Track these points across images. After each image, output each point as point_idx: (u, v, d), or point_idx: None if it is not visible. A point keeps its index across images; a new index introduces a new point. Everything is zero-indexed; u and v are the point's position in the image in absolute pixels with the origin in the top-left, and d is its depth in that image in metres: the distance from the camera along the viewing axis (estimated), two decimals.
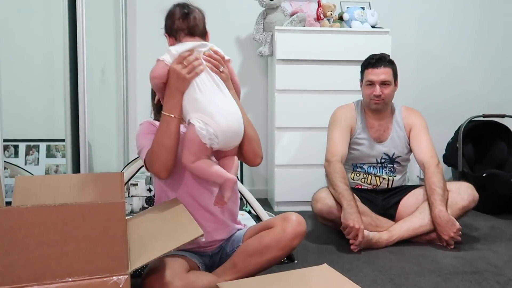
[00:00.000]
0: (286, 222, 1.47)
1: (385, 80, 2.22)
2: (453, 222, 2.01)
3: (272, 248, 1.44)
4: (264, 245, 1.44)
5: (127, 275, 1.01)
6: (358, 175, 2.35)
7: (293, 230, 1.45)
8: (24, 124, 2.97)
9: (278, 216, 1.53)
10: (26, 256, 0.95)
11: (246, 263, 1.44)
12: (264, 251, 1.44)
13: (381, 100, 2.24)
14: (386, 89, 2.23)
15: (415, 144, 2.29)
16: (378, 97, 2.23)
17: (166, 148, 1.40)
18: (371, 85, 2.24)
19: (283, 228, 1.45)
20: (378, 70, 2.22)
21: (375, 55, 2.27)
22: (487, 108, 3.25)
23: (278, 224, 1.48)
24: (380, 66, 2.22)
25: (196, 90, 1.38)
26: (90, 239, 0.99)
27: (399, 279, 1.69)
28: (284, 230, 1.45)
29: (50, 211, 0.97)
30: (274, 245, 1.44)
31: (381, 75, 2.22)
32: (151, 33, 3.11)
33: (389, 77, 2.23)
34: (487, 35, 3.44)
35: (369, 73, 2.24)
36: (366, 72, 2.27)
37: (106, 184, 1.45)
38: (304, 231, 1.49)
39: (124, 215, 1.03)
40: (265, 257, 1.45)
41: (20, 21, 2.96)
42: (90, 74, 2.16)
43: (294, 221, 1.47)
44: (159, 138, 1.40)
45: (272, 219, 1.55)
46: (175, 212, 1.36)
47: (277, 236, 1.44)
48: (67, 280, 0.97)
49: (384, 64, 2.23)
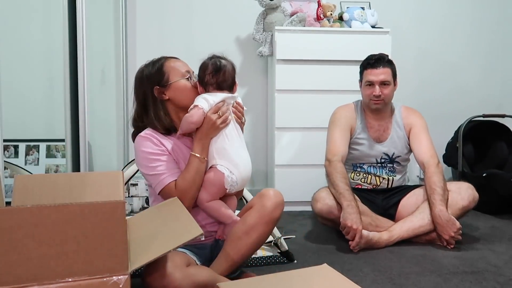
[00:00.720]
0: (263, 198, 1.55)
1: (385, 80, 2.22)
2: (454, 221, 2.01)
3: (257, 225, 1.52)
4: (248, 224, 1.51)
5: (127, 275, 1.01)
6: (358, 175, 2.35)
7: (272, 202, 1.54)
8: (24, 124, 2.97)
9: (256, 195, 1.61)
10: (26, 256, 0.95)
11: (237, 248, 1.50)
12: (250, 231, 1.51)
13: (381, 100, 2.24)
14: (385, 89, 2.23)
15: (415, 144, 2.29)
16: (377, 97, 2.23)
17: (197, 186, 1.51)
18: (371, 85, 2.24)
19: (262, 203, 1.54)
20: (377, 70, 2.22)
21: (374, 56, 2.27)
22: (487, 108, 3.25)
23: (256, 202, 1.56)
24: (379, 67, 2.22)
25: (225, 140, 1.54)
26: (90, 239, 0.99)
27: (399, 279, 1.69)
28: (263, 205, 1.53)
29: (50, 211, 0.97)
30: (258, 221, 1.52)
31: (380, 75, 2.22)
32: (151, 33, 3.12)
33: (388, 77, 2.23)
34: (488, 35, 3.44)
35: (368, 74, 2.25)
36: (365, 73, 2.27)
37: (106, 183, 1.45)
38: (282, 200, 1.58)
39: (124, 215, 1.03)
40: (253, 236, 1.51)
41: (20, 21, 2.96)
42: (90, 74, 2.16)
43: (270, 195, 1.56)
44: (192, 178, 1.50)
45: (251, 200, 1.63)
46: (175, 211, 1.37)
47: (258, 212, 1.53)
48: (67, 280, 0.97)
49: (383, 64, 2.23)
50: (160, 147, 1.54)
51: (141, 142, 1.54)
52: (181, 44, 3.12)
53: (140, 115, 1.61)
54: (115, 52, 3.01)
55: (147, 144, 1.53)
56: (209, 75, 1.54)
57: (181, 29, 3.14)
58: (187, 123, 1.50)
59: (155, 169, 1.51)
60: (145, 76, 1.60)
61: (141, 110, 1.61)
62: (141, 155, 1.54)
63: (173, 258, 1.33)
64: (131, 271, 1.03)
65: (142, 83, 1.61)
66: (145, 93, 1.59)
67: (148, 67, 1.61)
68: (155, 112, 1.58)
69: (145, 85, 1.59)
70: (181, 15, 3.14)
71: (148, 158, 1.52)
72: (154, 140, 1.54)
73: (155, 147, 1.53)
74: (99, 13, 2.96)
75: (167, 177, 1.51)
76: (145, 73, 1.61)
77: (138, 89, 1.62)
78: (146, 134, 1.55)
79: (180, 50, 3.10)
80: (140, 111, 1.61)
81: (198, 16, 3.15)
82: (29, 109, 2.98)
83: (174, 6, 3.13)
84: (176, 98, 1.57)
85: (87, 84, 2.11)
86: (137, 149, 1.56)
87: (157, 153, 1.52)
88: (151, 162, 1.52)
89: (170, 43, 3.11)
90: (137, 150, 1.56)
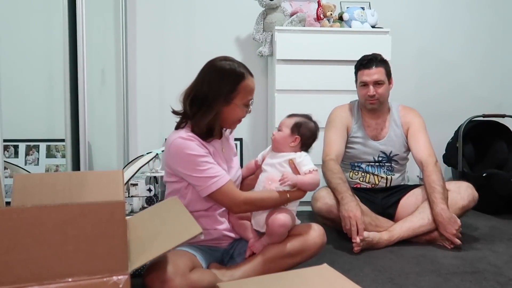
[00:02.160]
0: (310, 233, 1.64)
1: (378, 80, 2.24)
2: (455, 219, 2.02)
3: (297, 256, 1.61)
4: (288, 252, 1.59)
5: (127, 275, 1.01)
6: (356, 174, 2.36)
7: (318, 243, 1.65)
8: (24, 124, 2.97)
9: (303, 226, 1.68)
10: (26, 256, 0.95)
11: (269, 270, 1.54)
12: (287, 257, 1.59)
13: (376, 100, 2.26)
14: (379, 88, 2.25)
15: (413, 143, 2.30)
16: (372, 97, 2.25)
17: (262, 209, 1.58)
18: (365, 86, 2.27)
19: (308, 240, 1.63)
20: (370, 70, 2.25)
21: (367, 56, 2.31)
22: (487, 108, 3.25)
23: (303, 232, 1.64)
24: (371, 67, 2.25)
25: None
26: (90, 239, 0.99)
27: (399, 279, 1.69)
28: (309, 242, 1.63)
29: (50, 211, 0.97)
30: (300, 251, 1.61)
31: (374, 75, 2.24)
32: (151, 33, 3.11)
33: (382, 76, 2.25)
34: (488, 35, 3.44)
35: (362, 74, 2.28)
36: (359, 74, 2.30)
37: (105, 182, 1.45)
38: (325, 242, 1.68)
39: (124, 215, 1.02)
40: (288, 262, 1.58)
41: (20, 21, 2.96)
42: (90, 74, 2.16)
43: (318, 233, 1.66)
44: (269, 204, 1.57)
45: (296, 227, 1.66)
46: (174, 210, 1.36)
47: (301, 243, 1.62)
48: (67, 280, 0.97)
49: (375, 64, 2.26)
50: (205, 149, 1.52)
51: (186, 143, 1.48)
52: (181, 44, 3.12)
53: (193, 104, 1.53)
54: (115, 52, 3.01)
55: (192, 146, 1.48)
56: (312, 140, 1.67)
57: (181, 29, 3.14)
58: (314, 186, 1.60)
59: (205, 171, 1.47)
60: (226, 74, 1.52)
61: (201, 103, 1.52)
62: (187, 158, 1.47)
63: (175, 262, 1.31)
64: (131, 271, 1.03)
65: (221, 79, 1.52)
66: (212, 88, 1.51)
67: (233, 68, 1.54)
68: (208, 113, 1.52)
69: (218, 82, 1.51)
70: (181, 15, 3.14)
71: (196, 161, 1.47)
72: (198, 142, 1.51)
73: (201, 150, 1.49)
74: (99, 13, 2.96)
75: (224, 176, 1.49)
76: (227, 70, 1.53)
77: (213, 80, 1.52)
78: (188, 136, 1.49)
79: (180, 50, 3.11)
80: (196, 102, 1.53)
81: (198, 16, 3.15)
82: (29, 109, 2.98)
83: (174, 6, 3.13)
84: (223, 116, 1.55)
85: (87, 84, 2.11)
86: (179, 151, 1.48)
87: (204, 155, 1.49)
88: (200, 165, 1.47)
89: (170, 43, 3.11)
90: (179, 152, 1.48)
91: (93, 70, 2.71)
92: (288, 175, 1.55)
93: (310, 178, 1.58)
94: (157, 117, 3.09)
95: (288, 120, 1.68)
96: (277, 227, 1.54)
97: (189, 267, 1.36)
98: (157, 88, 3.09)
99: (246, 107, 1.58)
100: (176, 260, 1.32)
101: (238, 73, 1.53)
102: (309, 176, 1.58)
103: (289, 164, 1.60)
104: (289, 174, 1.57)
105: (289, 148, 1.64)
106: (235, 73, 1.53)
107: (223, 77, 1.52)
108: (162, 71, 3.10)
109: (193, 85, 1.56)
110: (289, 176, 1.55)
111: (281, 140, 1.65)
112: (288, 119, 1.69)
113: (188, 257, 1.42)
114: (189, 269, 1.35)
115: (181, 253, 1.41)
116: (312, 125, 1.67)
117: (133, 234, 1.24)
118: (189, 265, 1.36)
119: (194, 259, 1.44)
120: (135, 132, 3.11)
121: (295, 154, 1.61)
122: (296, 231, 1.61)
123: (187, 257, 1.41)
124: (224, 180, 1.49)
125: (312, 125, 1.67)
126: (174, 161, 1.51)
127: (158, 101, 3.09)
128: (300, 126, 1.64)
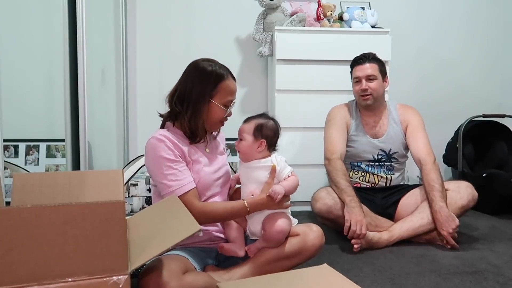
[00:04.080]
0: (308, 234, 1.62)
1: (370, 75, 2.27)
2: (453, 218, 2.03)
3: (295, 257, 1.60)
4: (286, 254, 1.58)
5: (127, 275, 1.01)
6: (356, 173, 2.36)
7: (317, 244, 1.63)
8: (24, 124, 2.97)
9: (303, 226, 1.66)
10: (26, 256, 0.95)
11: (268, 270, 1.52)
12: (284, 259, 1.58)
13: (369, 95, 2.28)
14: (371, 83, 2.27)
15: (411, 141, 2.31)
16: (365, 91, 2.27)
17: (220, 221, 1.58)
18: (359, 82, 2.30)
19: (306, 241, 1.61)
20: (363, 66, 2.29)
21: (361, 54, 2.35)
22: (487, 108, 3.25)
23: (301, 233, 1.62)
24: (364, 63, 2.30)
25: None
26: (90, 239, 0.99)
27: (399, 279, 1.69)
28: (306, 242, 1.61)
29: (50, 211, 0.97)
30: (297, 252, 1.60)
31: (366, 70, 2.28)
32: (151, 33, 3.11)
33: (375, 71, 2.28)
34: (488, 35, 3.44)
35: (355, 71, 2.32)
36: (353, 71, 2.35)
37: (105, 181, 1.45)
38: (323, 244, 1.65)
39: (124, 215, 1.02)
40: (285, 264, 1.57)
41: (20, 21, 2.96)
42: (90, 74, 2.16)
43: (316, 234, 1.64)
44: (226, 217, 1.56)
45: (295, 227, 1.64)
46: (173, 209, 1.36)
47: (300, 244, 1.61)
48: (67, 280, 0.97)
49: (368, 60, 2.30)
50: (173, 151, 1.49)
51: (155, 144, 1.49)
52: (181, 44, 3.12)
53: (177, 103, 1.56)
54: (115, 52, 3.01)
55: (161, 147, 1.47)
56: (276, 138, 1.61)
57: (181, 29, 3.14)
58: (296, 188, 1.60)
59: (166, 177, 1.46)
60: (207, 73, 1.54)
61: (183, 102, 1.55)
62: (154, 159, 1.48)
63: (169, 265, 1.31)
64: (131, 271, 1.03)
65: (202, 77, 1.54)
66: (194, 87, 1.54)
67: (214, 69, 1.56)
68: (189, 112, 1.54)
69: (200, 81, 1.54)
70: (181, 15, 3.14)
71: (161, 164, 1.47)
72: (170, 143, 1.49)
73: (169, 152, 1.48)
74: (99, 13, 2.96)
75: (183, 186, 1.47)
76: (208, 70, 1.55)
77: (195, 79, 1.55)
78: (160, 136, 1.50)
79: (180, 50, 3.11)
80: (179, 101, 1.56)
81: (198, 16, 3.15)
82: (29, 109, 2.98)
83: (174, 6, 3.13)
84: (204, 115, 1.55)
85: (87, 84, 2.11)
86: (149, 151, 1.50)
87: (171, 159, 1.48)
88: (163, 169, 1.47)
89: (170, 43, 3.11)
90: (149, 152, 1.50)
91: (93, 70, 2.71)
92: (276, 190, 1.52)
93: (292, 182, 1.58)
94: (157, 117, 3.07)
95: (246, 126, 1.60)
96: (275, 233, 1.52)
97: (182, 270, 1.35)
98: (157, 88, 3.09)
99: (226, 107, 1.57)
100: (170, 264, 1.32)
101: (218, 73, 1.56)
102: (291, 179, 1.58)
103: (270, 173, 1.57)
104: (276, 189, 1.52)
105: (257, 155, 1.57)
106: (216, 73, 1.55)
107: (204, 76, 1.55)
108: (162, 71, 3.10)
109: (177, 85, 1.60)
110: (277, 190, 1.52)
111: (247, 149, 1.58)
112: (246, 125, 1.60)
113: (180, 260, 1.41)
114: (183, 272, 1.34)
115: (173, 256, 1.41)
116: (272, 123, 1.60)
117: (133, 234, 1.24)
118: (182, 268, 1.35)
119: (186, 262, 1.43)
120: (135, 132, 3.11)
121: (270, 161, 1.57)
122: (294, 232, 1.60)
123: (180, 261, 1.40)
124: (182, 191, 1.46)
125: (272, 123, 1.60)
126: (145, 161, 1.54)
127: (158, 101, 3.08)
128: (262, 128, 1.57)
